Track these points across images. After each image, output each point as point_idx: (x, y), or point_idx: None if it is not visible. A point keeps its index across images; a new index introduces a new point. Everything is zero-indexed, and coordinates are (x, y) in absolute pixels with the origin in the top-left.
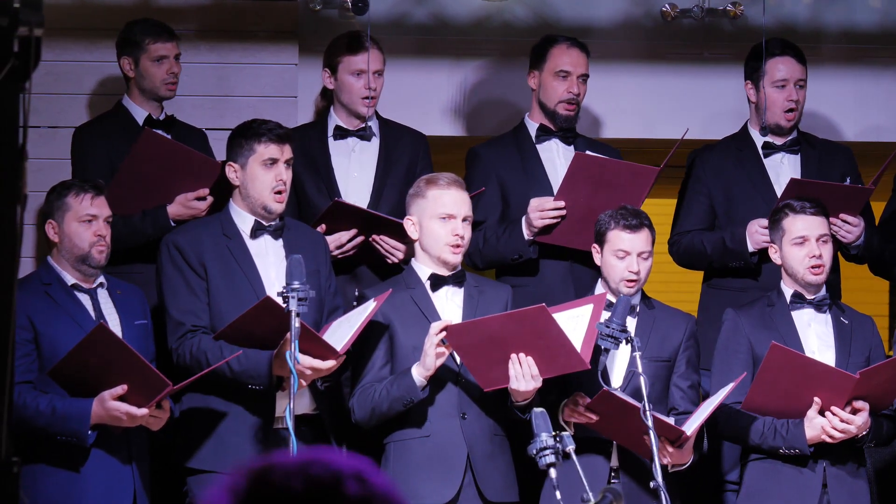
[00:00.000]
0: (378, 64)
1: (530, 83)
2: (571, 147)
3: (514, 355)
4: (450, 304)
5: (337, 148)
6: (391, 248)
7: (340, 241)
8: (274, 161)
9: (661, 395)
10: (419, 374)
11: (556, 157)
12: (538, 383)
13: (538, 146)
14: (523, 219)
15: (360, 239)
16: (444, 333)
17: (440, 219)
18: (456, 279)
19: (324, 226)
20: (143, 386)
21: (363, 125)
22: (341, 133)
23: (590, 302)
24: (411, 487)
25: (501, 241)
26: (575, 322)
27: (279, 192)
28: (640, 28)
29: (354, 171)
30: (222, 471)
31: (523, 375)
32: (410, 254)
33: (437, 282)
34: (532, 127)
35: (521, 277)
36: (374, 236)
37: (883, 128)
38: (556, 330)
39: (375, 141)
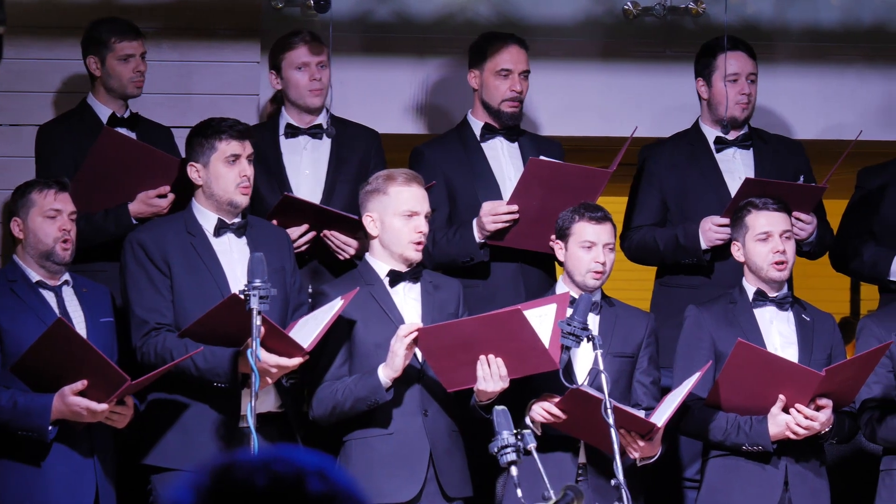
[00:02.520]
0: (321, 56)
1: (471, 82)
2: (516, 144)
3: (483, 356)
4: (408, 301)
5: (289, 146)
6: (342, 244)
7: (292, 236)
8: (236, 157)
9: (624, 390)
10: (386, 375)
11: (502, 155)
12: (506, 384)
13: (483, 144)
14: (474, 221)
15: (311, 234)
16: (414, 335)
17: (403, 216)
18: (413, 275)
19: (275, 221)
20: (104, 382)
21: (315, 121)
22: (293, 131)
23: (553, 301)
24: (374, 485)
25: (452, 243)
26: (539, 321)
27: (244, 187)
28: (602, 26)
29: (306, 169)
30: (186, 469)
31: (491, 377)
32: (364, 249)
33: (395, 278)
34: (476, 125)
35: (470, 279)
36: (326, 231)
37: (845, 125)
38: (529, 332)
39: (327, 138)
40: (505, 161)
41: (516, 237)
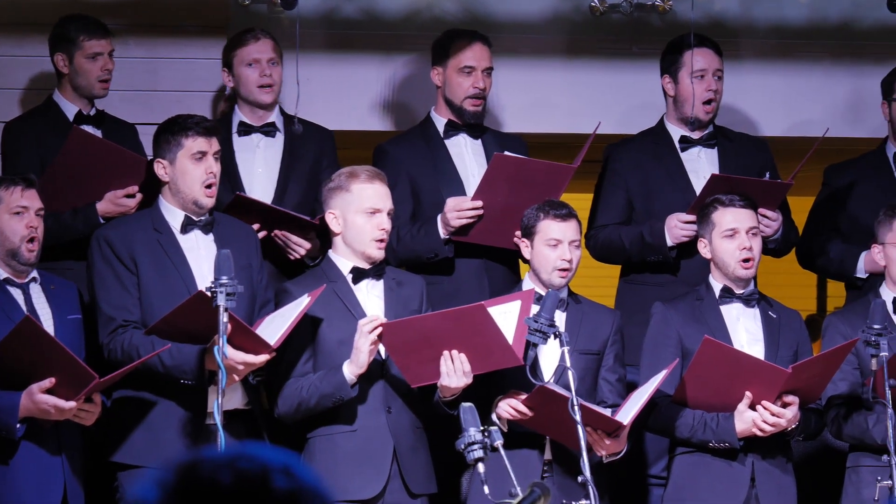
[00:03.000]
0: (271, 52)
1: (434, 79)
2: (479, 141)
3: (446, 352)
4: (371, 297)
5: (241, 144)
6: (293, 244)
7: None
8: (203, 154)
9: (590, 388)
10: (351, 372)
11: (465, 152)
12: (469, 380)
13: (446, 141)
14: (439, 217)
15: (263, 234)
16: (379, 330)
17: (366, 213)
18: (376, 272)
19: None
20: (72, 379)
21: (268, 119)
22: (246, 129)
23: (517, 298)
24: (338, 482)
25: (417, 239)
26: (503, 318)
27: (209, 186)
28: (569, 23)
29: (259, 167)
30: (153, 466)
31: (455, 372)
32: (316, 249)
33: (358, 275)
34: (439, 122)
35: (434, 275)
36: (277, 231)
37: (812, 122)
38: (493, 328)
39: (280, 137)
40: (468, 158)
41: (481, 233)
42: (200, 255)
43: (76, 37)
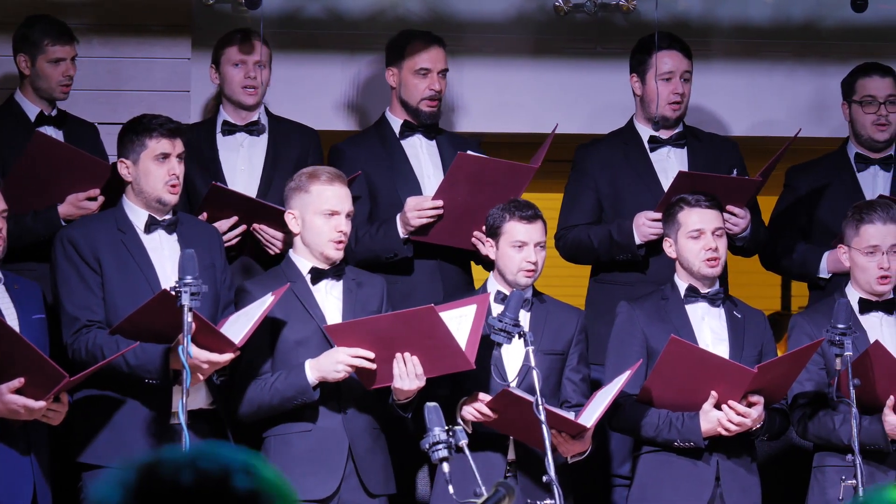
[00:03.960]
0: (258, 55)
1: (389, 80)
2: (434, 142)
3: (399, 354)
4: (329, 298)
5: (225, 143)
6: (271, 238)
7: (221, 229)
8: (166, 156)
9: (554, 387)
10: (313, 376)
11: (421, 153)
12: (422, 382)
13: (402, 142)
14: (398, 217)
15: (241, 228)
16: (360, 362)
17: (324, 215)
18: (335, 272)
19: (205, 213)
20: (41, 379)
21: (252, 119)
22: (230, 128)
23: (474, 302)
24: (293, 481)
25: (376, 239)
26: (459, 322)
27: (173, 186)
28: (533, 23)
29: (242, 166)
30: (117, 466)
31: (408, 374)
32: (289, 244)
33: (317, 275)
34: (395, 122)
35: (391, 275)
36: (255, 225)
37: (776, 122)
38: (443, 330)
39: (264, 137)
40: (424, 158)
41: (440, 233)
42: (164, 254)
43: (40, 40)
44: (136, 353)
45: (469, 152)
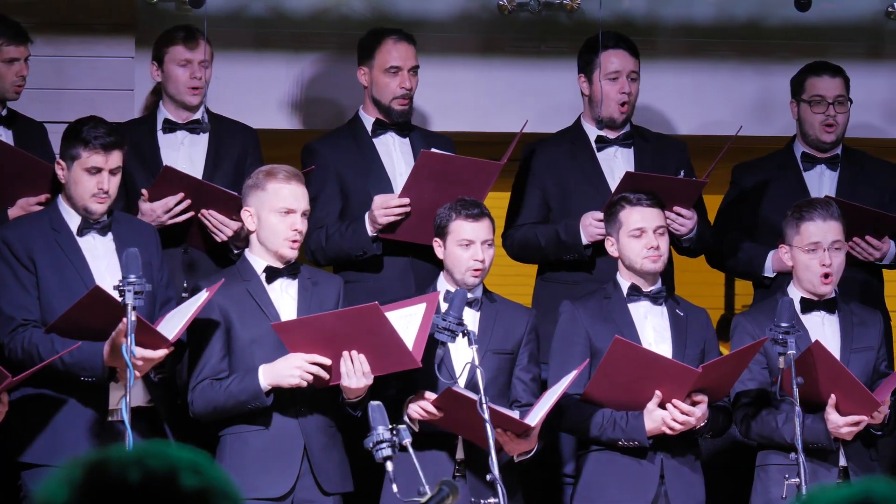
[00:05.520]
0: (203, 54)
1: (361, 79)
2: (407, 140)
3: (345, 353)
4: (284, 297)
5: (166, 141)
6: (219, 224)
7: (168, 205)
8: (98, 170)
9: (504, 387)
10: (267, 381)
11: (393, 151)
12: (369, 381)
13: (374, 140)
14: (366, 215)
15: (190, 214)
16: (315, 367)
17: (280, 213)
18: (291, 271)
19: (145, 192)
20: None
21: (193, 117)
22: (170, 126)
23: (423, 301)
24: (248, 480)
25: (345, 238)
26: (407, 321)
27: (100, 199)
28: (478, 21)
29: (183, 165)
30: (57, 465)
31: (354, 373)
32: (241, 232)
33: (272, 274)
34: (367, 121)
35: (361, 273)
36: (203, 211)
37: (720, 121)
38: (388, 328)
39: (204, 135)
40: (396, 156)
41: (408, 230)
42: (98, 254)
43: None
44: (73, 351)
45: (433, 150)
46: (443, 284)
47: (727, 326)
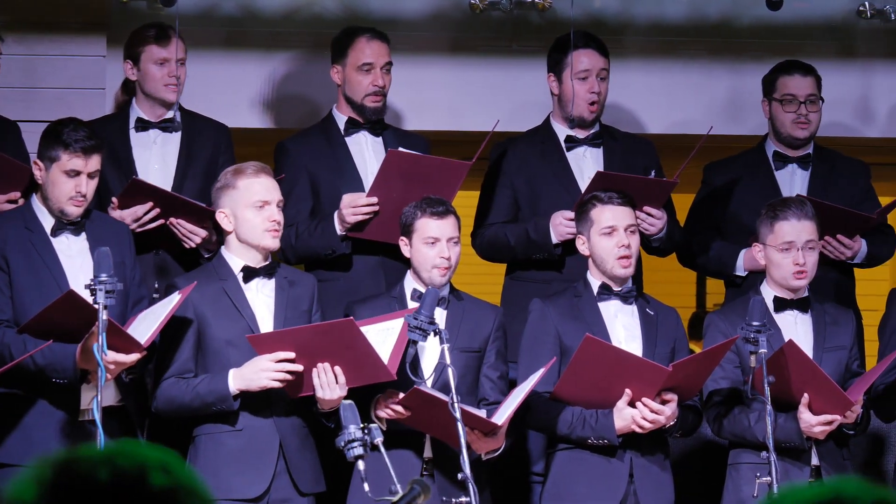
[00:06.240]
0: (180, 52)
1: (334, 78)
2: (380, 139)
3: (319, 365)
4: (260, 296)
5: (138, 140)
6: (188, 232)
7: (137, 214)
8: (77, 173)
9: (472, 385)
10: (236, 385)
11: (366, 150)
12: (343, 392)
13: (347, 139)
14: (335, 214)
15: (159, 221)
16: (284, 364)
17: (255, 207)
18: (267, 271)
19: (115, 200)
20: None
21: (167, 115)
22: (143, 125)
23: (401, 315)
24: (224, 480)
25: (314, 236)
26: (385, 334)
27: (77, 201)
28: (449, 20)
29: (155, 164)
30: (27, 464)
31: (328, 385)
32: (210, 239)
33: (249, 273)
34: (340, 119)
35: (332, 272)
36: (172, 219)
37: (691, 121)
38: (362, 342)
39: (177, 133)
40: (368, 155)
41: (377, 229)
42: (72, 254)
43: None
44: (44, 352)
45: (400, 149)
46: (410, 283)
47: (699, 324)
